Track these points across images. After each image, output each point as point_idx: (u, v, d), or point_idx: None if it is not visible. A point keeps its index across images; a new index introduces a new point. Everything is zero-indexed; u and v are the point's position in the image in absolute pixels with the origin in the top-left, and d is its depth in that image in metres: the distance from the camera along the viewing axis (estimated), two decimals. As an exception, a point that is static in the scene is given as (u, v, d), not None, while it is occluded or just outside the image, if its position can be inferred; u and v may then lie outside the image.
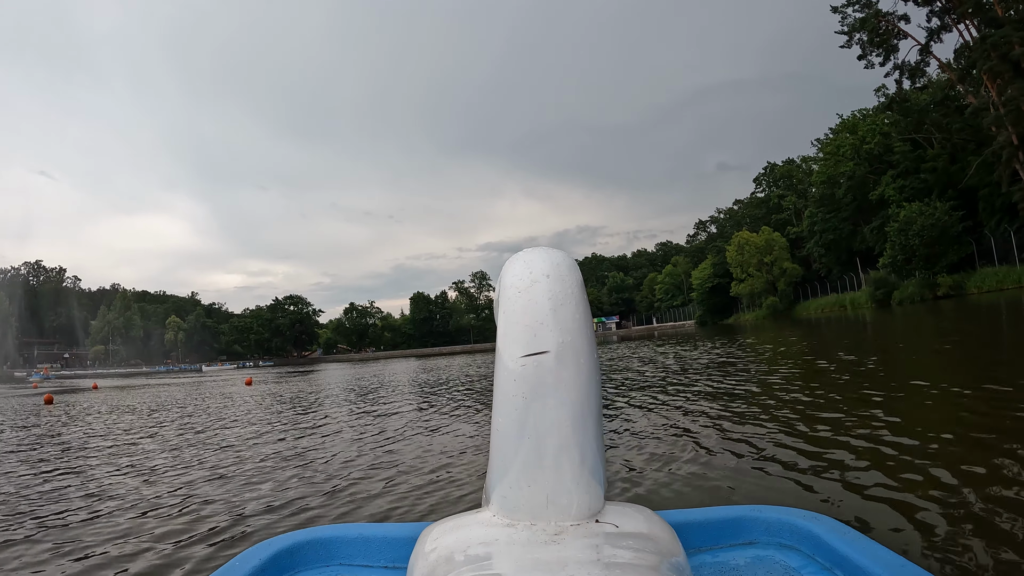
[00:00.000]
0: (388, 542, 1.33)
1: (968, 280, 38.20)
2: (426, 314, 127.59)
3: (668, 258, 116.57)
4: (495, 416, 1.08)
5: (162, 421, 11.09)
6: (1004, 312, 18.91)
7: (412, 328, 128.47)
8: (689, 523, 1.32)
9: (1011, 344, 10.62)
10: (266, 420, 10.06)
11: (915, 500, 2.99)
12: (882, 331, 19.53)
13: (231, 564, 1.21)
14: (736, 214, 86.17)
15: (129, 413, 13.53)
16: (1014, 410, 4.70)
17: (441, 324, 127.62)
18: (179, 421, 10.88)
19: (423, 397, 12.06)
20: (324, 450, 6.45)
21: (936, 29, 38.00)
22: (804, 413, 5.68)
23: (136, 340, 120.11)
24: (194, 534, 3.62)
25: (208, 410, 13.04)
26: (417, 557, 1.02)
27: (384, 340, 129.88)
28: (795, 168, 74.51)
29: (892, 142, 47.65)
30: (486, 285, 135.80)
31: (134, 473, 5.85)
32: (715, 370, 11.41)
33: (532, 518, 1.00)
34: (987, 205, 39.96)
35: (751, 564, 1.25)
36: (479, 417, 8.12)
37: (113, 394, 24.37)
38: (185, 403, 15.90)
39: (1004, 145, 33.29)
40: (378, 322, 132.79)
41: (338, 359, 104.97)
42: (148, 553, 3.33)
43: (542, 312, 1.05)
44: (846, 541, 1.16)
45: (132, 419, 11.90)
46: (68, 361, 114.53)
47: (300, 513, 3.98)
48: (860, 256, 55.08)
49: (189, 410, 13.35)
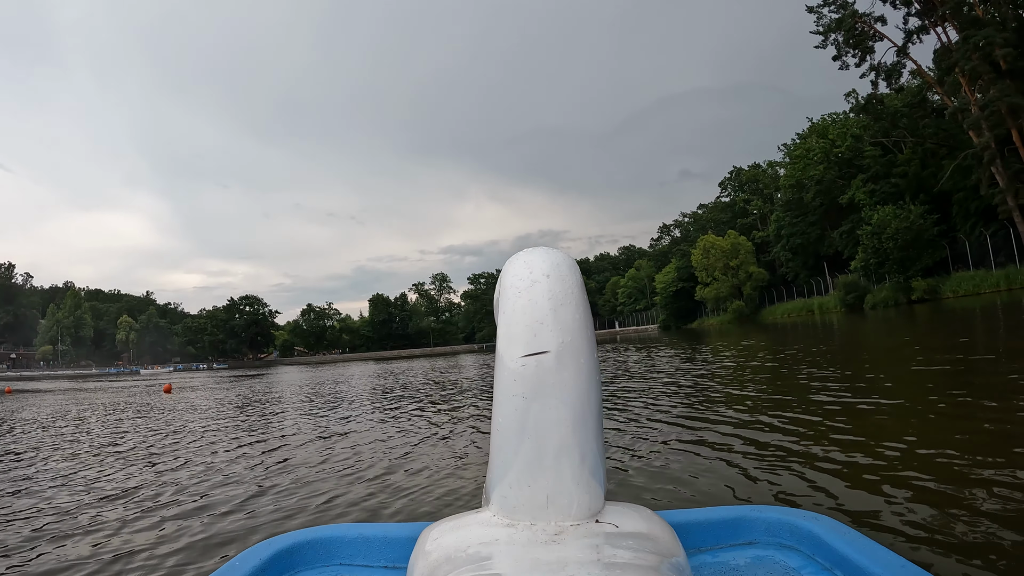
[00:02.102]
0: (388, 542, 1.31)
1: (943, 284, 37.33)
2: (385, 316, 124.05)
3: (631, 262, 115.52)
4: (495, 416, 1.06)
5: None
6: (1000, 315, 17.54)
7: (371, 330, 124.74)
8: (689, 523, 1.31)
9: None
10: (122, 451, 7.06)
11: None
12: (867, 335, 18.59)
13: (231, 564, 1.19)
14: (701, 218, 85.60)
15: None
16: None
17: (400, 327, 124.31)
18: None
19: (391, 419, 9.00)
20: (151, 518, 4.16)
21: (914, 30, 37.18)
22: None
23: (87, 340, 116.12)
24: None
25: (81, 428, 10.10)
26: (417, 557, 1.02)
27: (342, 342, 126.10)
28: (761, 173, 74.03)
29: (863, 146, 47.02)
30: (447, 287, 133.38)
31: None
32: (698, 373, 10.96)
33: (532, 518, 0.99)
34: (961, 209, 39.31)
35: (751, 564, 1.23)
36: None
37: (10, 402, 21.03)
38: (65, 416, 13.03)
39: (985, 147, 32.50)
40: (336, 324, 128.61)
41: (294, 362, 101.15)
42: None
43: (542, 312, 1.04)
44: (846, 541, 1.15)
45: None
46: (15, 362, 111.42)
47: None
48: (828, 260, 54.41)
49: (55, 427, 10.62)
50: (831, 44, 41.46)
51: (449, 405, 9.98)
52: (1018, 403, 4.92)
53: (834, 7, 40.58)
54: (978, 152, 33.42)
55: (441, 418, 8.27)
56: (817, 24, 41.75)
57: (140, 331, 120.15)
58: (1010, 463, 3.34)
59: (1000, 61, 31.75)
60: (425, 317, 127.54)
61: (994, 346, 10.09)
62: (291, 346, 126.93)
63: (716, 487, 3.62)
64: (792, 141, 61.35)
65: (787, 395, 6.94)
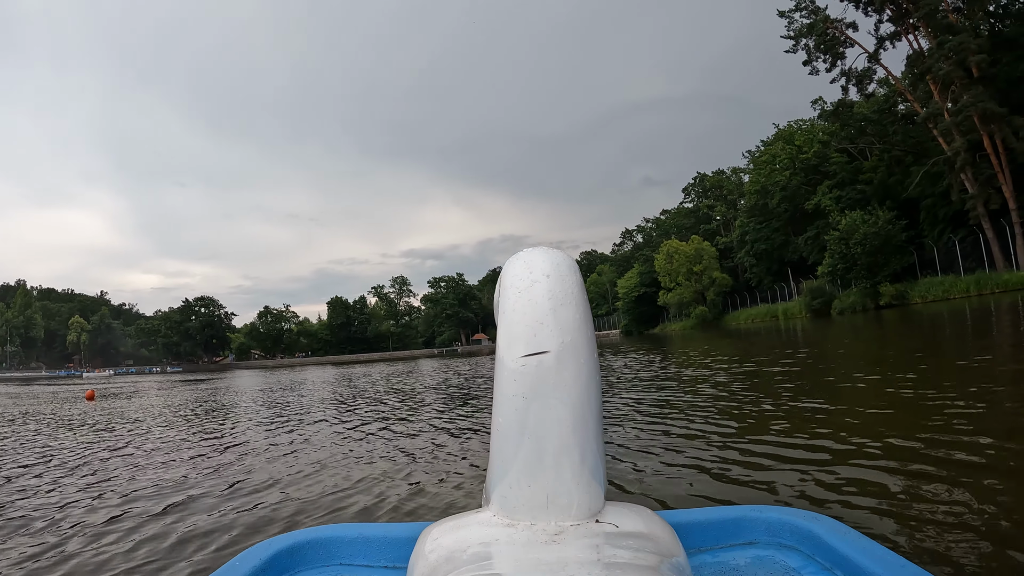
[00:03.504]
0: (388, 542, 1.29)
1: (912, 289, 36.97)
2: (344, 320, 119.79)
3: (593, 267, 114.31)
4: (495, 416, 1.06)
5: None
6: (981, 318, 16.62)
7: (329, 334, 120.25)
8: (689, 523, 1.29)
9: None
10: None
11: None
12: (838, 340, 17.78)
13: (231, 564, 1.18)
14: (664, 224, 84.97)
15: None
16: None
17: (359, 330, 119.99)
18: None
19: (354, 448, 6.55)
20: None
21: (886, 36, 36.79)
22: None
23: (37, 341, 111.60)
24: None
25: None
26: (417, 557, 1.01)
27: (300, 346, 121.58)
28: (725, 179, 73.83)
29: (830, 152, 46.79)
30: (407, 291, 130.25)
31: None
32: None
33: (532, 518, 0.99)
34: (929, 215, 39.06)
35: (751, 564, 1.22)
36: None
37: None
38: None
39: (958, 152, 32.11)
40: (294, 327, 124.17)
41: (251, 366, 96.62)
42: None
43: (542, 312, 1.03)
44: (846, 541, 1.13)
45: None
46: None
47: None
48: (792, 266, 54.15)
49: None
50: (802, 49, 40.93)
51: (414, 422, 7.67)
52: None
53: (805, 12, 40.08)
54: (950, 158, 33.01)
55: (405, 439, 6.53)
56: (788, 29, 41.15)
57: (92, 332, 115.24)
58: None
59: (973, 67, 31.44)
60: (384, 321, 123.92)
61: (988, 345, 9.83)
62: (248, 349, 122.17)
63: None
64: (757, 148, 61.13)
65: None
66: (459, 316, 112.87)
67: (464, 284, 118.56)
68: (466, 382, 14.99)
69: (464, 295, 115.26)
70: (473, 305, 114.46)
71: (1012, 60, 31.85)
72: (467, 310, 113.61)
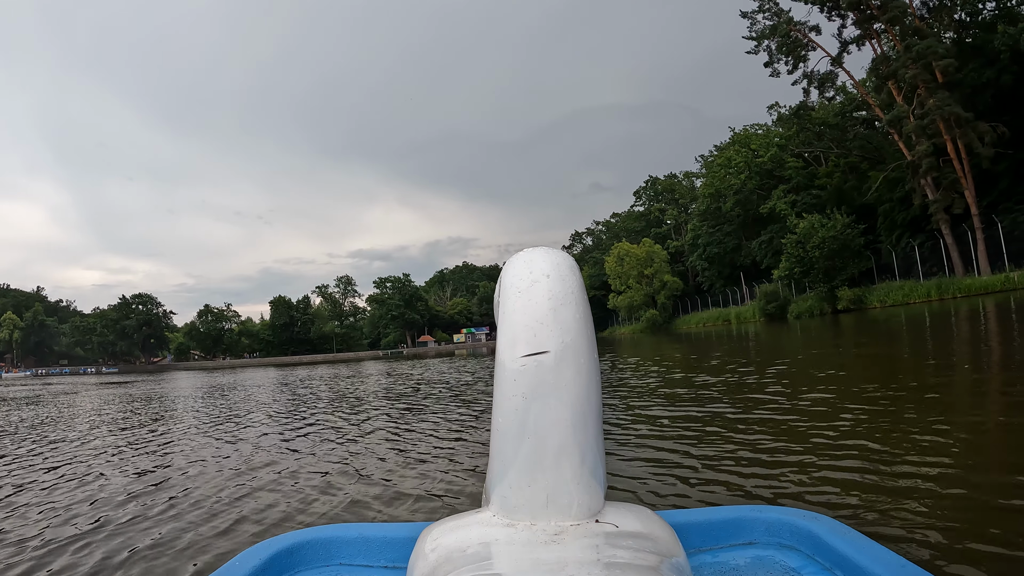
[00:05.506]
0: (388, 542, 1.28)
1: (869, 294, 36.03)
2: (287, 320, 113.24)
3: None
4: (495, 416, 1.04)
5: None
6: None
7: (271, 334, 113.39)
8: (689, 523, 1.28)
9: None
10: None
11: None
12: (794, 342, 17.01)
13: (231, 564, 1.17)
14: (614, 227, 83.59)
15: None
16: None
17: (303, 331, 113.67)
18: None
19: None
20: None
21: (851, 40, 35.80)
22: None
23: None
24: None
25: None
26: (417, 557, 1.01)
27: (241, 346, 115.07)
28: (677, 183, 72.94)
29: (786, 156, 45.97)
30: (352, 291, 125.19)
31: None
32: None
33: (532, 518, 0.98)
34: (887, 220, 38.33)
35: (751, 564, 1.21)
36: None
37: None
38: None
39: (922, 156, 31.19)
40: (235, 327, 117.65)
41: (190, 367, 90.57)
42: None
43: (542, 312, 1.02)
44: (846, 541, 1.13)
45: None
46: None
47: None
48: (744, 270, 53.29)
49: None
50: (763, 51, 39.70)
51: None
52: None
53: (768, 14, 38.92)
54: (913, 162, 32.06)
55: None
56: (750, 29, 39.75)
57: (25, 330, 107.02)
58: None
59: (939, 72, 30.60)
60: (328, 321, 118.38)
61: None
62: (187, 350, 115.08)
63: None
64: (710, 152, 60.25)
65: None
66: (405, 317, 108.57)
67: (411, 285, 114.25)
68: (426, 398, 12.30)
69: (410, 296, 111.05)
70: (419, 307, 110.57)
71: (978, 67, 31.18)
72: (413, 311, 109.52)
